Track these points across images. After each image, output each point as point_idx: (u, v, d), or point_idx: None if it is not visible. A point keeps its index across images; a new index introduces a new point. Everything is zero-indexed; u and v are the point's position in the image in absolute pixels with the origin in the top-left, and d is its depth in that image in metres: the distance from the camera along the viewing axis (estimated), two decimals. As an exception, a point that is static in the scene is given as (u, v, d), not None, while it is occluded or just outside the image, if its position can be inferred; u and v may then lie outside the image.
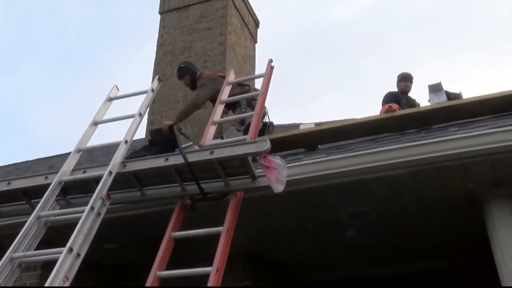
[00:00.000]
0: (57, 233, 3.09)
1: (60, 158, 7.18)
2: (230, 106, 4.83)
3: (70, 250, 2.63)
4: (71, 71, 29.79)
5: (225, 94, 4.13)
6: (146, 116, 6.05)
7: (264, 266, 4.92)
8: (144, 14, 25.96)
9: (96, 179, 3.16)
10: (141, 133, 7.26)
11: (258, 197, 3.39)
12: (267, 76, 3.99)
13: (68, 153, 3.60)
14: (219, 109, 4.00)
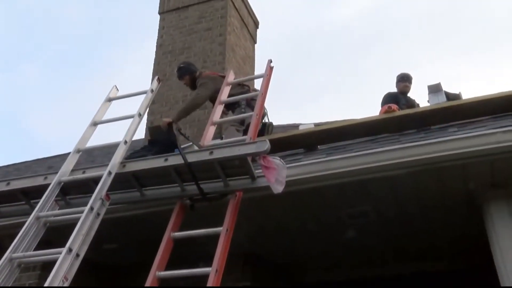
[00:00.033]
0: (56, 233, 3.08)
1: (59, 159, 7.17)
2: (230, 106, 4.82)
3: (70, 250, 2.63)
4: (71, 71, 29.82)
5: (224, 94, 4.13)
6: (145, 116, 6.07)
7: (263, 266, 4.91)
8: (143, 14, 26.00)
9: (95, 180, 3.16)
10: (140, 133, 7.28)
11: (257, 197, 3.39)
12: (267, 76, 3.99)
13: (67, 153, 3.60)
14: (219, 109, 4.00)
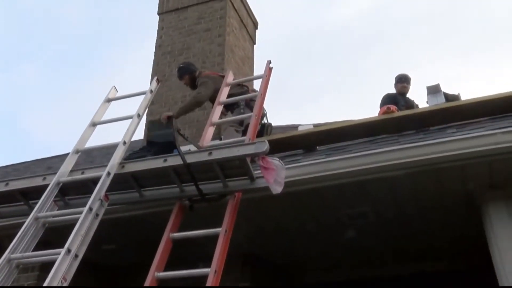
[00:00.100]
0: (55, 234, 3.08)
1: (58, 159, 7.16)
2: (229, 107, 4.83)
3: (68, 251, 2.63)
4: (70, 71, 29.81)
5: (223, 95, 4.13)
6: (144, 117, 6.06)
7: (263, 267, 4.91)
8: (143, 15, 26.01)
9: (94, 180, 3.15)
10: (139, 134, 7.27)
11: (257, 198, 3.39)
12: (266, 77, 3.98)
13: (66, 154, 3.59)
14: (218, 110, 4.00)
